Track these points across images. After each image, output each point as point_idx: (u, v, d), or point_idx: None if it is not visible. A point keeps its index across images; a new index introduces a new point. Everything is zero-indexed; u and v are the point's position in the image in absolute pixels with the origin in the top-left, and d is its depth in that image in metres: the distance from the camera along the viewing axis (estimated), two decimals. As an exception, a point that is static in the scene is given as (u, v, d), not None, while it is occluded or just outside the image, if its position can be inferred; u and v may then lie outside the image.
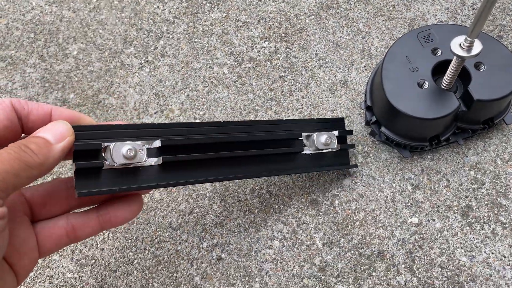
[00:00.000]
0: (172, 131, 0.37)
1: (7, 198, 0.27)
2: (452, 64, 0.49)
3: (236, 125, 0.43)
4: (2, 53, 0.65)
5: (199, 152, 0.39)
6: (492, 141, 0.56)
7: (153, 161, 0.36)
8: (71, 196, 0.36)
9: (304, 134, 0.50)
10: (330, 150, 0.51)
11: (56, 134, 0.30)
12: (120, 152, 0.33)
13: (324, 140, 0.49)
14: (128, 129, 0.34)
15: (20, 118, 0.31)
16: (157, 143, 0.36)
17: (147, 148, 0.36)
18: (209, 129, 0.40)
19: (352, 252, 0.51)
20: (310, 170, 0.51)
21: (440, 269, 0.50)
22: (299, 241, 0.52)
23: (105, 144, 0.33)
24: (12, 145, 0.28)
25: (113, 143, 0.33)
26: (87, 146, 0.32)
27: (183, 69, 0.63)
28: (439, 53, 0.53)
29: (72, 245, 0.52)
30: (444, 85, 0.51)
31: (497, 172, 0.54)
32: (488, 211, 0.52)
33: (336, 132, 0.52)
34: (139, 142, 0.34)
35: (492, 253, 0.50)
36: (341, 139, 0.53)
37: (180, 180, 0.38)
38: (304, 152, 0.49)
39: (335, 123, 0.53)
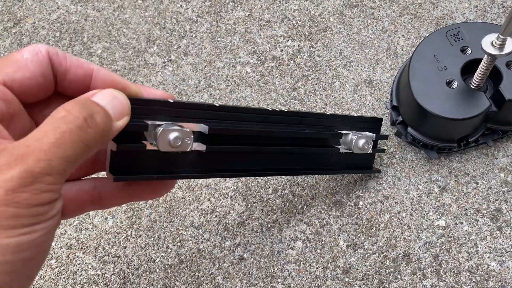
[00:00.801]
0: (219, 115, 0.34)
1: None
2: (482, 62, 0.47)
3: (282, 115, 0.40)
4: (29, 52, 0.66)
5: (243, 143, 0.37)
6: (523, 142, 0.55)
7: (195, 146, 0.32)
8: (100, 160, 0.31)
9: (343, 132, 0.47)
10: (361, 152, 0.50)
11: (116, 108, 0.25)
12: (166, 139, 0.29)
13: (361, 145, 0.46)
14: (176, 107, 0.30)
15: (56, 75, 0.26)
16: (203, 128, 0.32)
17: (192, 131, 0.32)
18: (256, 117, 0.37)
19: (376, 254, 0.50)
20: (338, 172, 0.50)
21: (468, 274, 0.48)
22: (323, 242, 0.51)
23: (150, 122, 0.29)
24: (73, 112, 0.22)
25: (160, 128, 0.29)
26: (133, 127, 0.27)
27: (206, 68, 0.63)
28: (469, 51, 0.52)
29: (95, 242, 0.52)
30: (473, 84, 0.50)
31: (528, 174, 0.53)
32: (518, 215, 0.51)
33: (373, 136, 0.49)
34: (187, 129, 0.30)
35: (523, 258, 0.48)
36: (374, 142, 0.50)
37: (220, 171, 0.35)
38: (339, 151, 0.47)
39: (373, 124, 0.50)
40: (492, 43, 0.45)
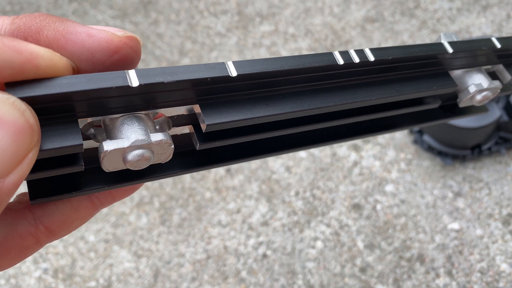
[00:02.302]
0: (234, 87, 0.18)
1: None
2: (494, 75, 0.50)
3: (360, 67, 0.20)
4: (72, 63, 0.72)
5: (274, 125, 0.21)
6: (536, 151, 0.57)
7: (179, 131, 0.20)
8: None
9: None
10: None
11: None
12: (116, 164, 0.16)
13: (480, 98, 0.25)
14: (148, 92, 0.16)
15: None
16: (200, 122, 0.18)
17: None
18: (309, 79, 0.19)
19: (392, 254, 0.53)
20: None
21: (479, 274, 0.51)
22: (341, 242, 0.55)
23: (91, 130, 0.17)
24: None
25: (104, 148, 0.15)
26: (59, 150, 0.14)
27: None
28: (482, 64, 0.55)
29: (130, 237, 0.57)
30: (486, 95, 0.53)
31: (540, 182, 0.55)
32: (530, 220, 0.53)
33: (499, 86, 0.26)
34: (162, 138, 0.16)
35: (534, 261, 0.51)
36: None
37: (223, 160, 0.21)
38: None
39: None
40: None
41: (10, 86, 0.13)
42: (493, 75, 0.26)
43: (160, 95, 0.16)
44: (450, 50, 0.22)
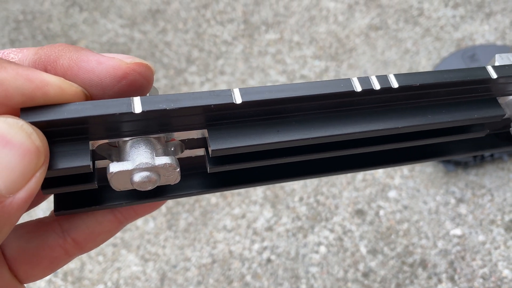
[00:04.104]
0: (244, 113, 0.18)
1: None
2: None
3: (383, 94, 0.19)
4: (82, 71, 0.73)
5: (289, 151, 0.20)
6: (539, 158, 0.57)
7: (190, 153, 0.20)
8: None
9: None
10: None
11: (6, 172, 0.14)
12: (124, 184, 0.17)
13: None
14: (153, 117, 0.16)
15: None
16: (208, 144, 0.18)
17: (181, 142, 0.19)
18: (324, 105, 0.18)
19: (395, 260, 0.54)
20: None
21: (481, 280, 0.51)
22: (344, 247, 0.55)
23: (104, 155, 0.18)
24: None
25: (111, 170, 0.16)
26: (68, 170, 0.16)
27: (239, 86, 0.68)
28: (484, 72, 0.55)
29: (138, 241, 0.58)
30: (488, 102, 0.53)
31: (543, 188, 0.55)
32: (532, 226, 0.53)
33: None
34: (168, 161, 0.17)
35: (536, 267, 0.51)
36: None
37: (239, 182, 0.22)
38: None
39: None
40: (503, 64, 0.48)
41: (24, 111, 0.15)
42: None
43: (168, 120, 0.17)
44: (494, 75, 0.20)
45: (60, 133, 0.15)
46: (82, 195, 0.19)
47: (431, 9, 0.70)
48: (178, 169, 0.17)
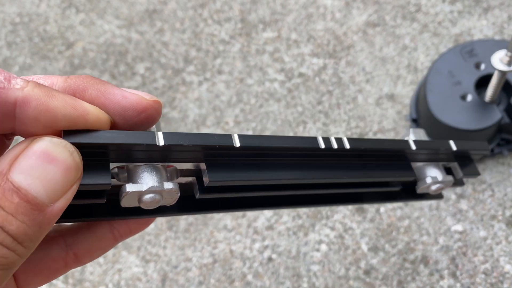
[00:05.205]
0: (235, 154, 0.22)
1: None
2: (493, 78, 0.51)
3: (336, 152, 0.25)
4: (80, 72, 0.73)
5: (265, 187, 0.25)
6: (539, 152, 0.57)
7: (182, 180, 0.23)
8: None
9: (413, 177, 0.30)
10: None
11: (52, 183, 0.16)
12: (133, 201, 0.20)
13: (434, 188, 0.30)
14: (165, 150, 0.20)
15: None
16: (202, 176, 0.22)
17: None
18: (293, 155, 0.24)
19: (396, 257, 0.54)
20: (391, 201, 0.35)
21: (484, 276, 0.51)
22: (346, 245, 0.55)
23: (117, 171, 0.21)
24: None
25: (125, 190, 0.19)
26: (92, 186, 0.19)
27: (237, 85, 0.68)
28: (483, 67, 0.55)
29: (138, 242, 0.58)
30: (487, 98, 0.53)
31: (543, 182, 0.55)
32: (533, 221, 0.53)
33: (452, 181, 0.31)
34: (172, 187, 0.20)
35: (538, 262, 0.51)
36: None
37: (226, 207, 0.26)
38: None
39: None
40: (501, 59, 0.48)
41: (67, 133, 0.17)
42: (449, 170, 0.31)
43: (177, 153, 0.20)
44: (413, 147, 0.27)
45: (89, 154, 0.18)
46: (81, 208, 0.22)
47: (428, 5, 0.70)
48: (179, 194, 0.21)
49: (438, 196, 0.33)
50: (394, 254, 0.54)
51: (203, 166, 0.22)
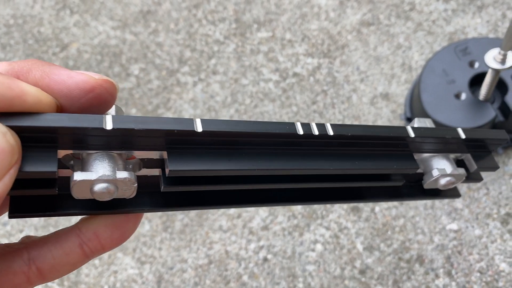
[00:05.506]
0: (201, 141, 0.20)
1: None
2: (487, 76, 0.51)
3: (318, 139, 0.21)
4: (74, 74, 0.73)
5: (240, 179, 0.22)
6: (533, 150, 0.57)
7: (146, 172, 0.21)
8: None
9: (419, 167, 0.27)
10: None
11: None
12: (84, 192, 0.18)
13: (444, 182, 0.26)
14: (117, 135, 0.18)
15: None
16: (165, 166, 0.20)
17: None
18: (269, 143, 0.21)
19: (391, 256, 0.54)
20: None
21: (479, 274, 0.51)
22: (341, 245, 0.55)
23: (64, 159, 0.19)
24: None
25: (74, 178, 0.17)
26: (36, 174, 0.17)
27: (232, 85, 0.68)
28: (476, 65, 0.55)
29: (134, 244, 0.58)
30: (481, 96, 0.53)
31: (538, 180, 0.55)
32: (528, 219, 0.53)
33: (464, 174, 0.26)
34: (127, 176, 0.18)
35: (533, 260, 0.51)
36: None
37: (196, 203, 0.23)
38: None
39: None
40: (494, 57, 0.48)
41: (2, 115, 0.16)
42: (462, 163, 0.27)
43: (133, 139, 0.18)
44: (412, 135, 0.23)
45: (31, 139, 0.17)
46: (38, 201, 0.20)
47: (422, 3, 0.70)
48: (135, 185, 0.19)
49: (453, 193, 0.28)
50: (389, 254, 0.54)
51: (165, 155, 0.19)
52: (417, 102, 0.56)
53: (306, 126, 0.21)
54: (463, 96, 0.54)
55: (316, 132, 0.21)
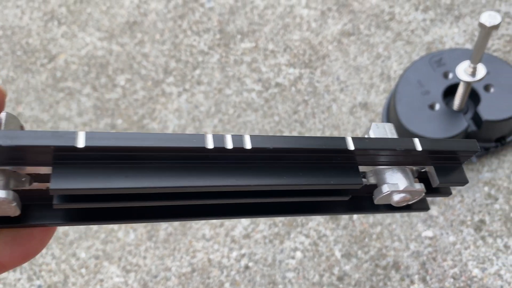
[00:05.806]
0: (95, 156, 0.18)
1: None
2: (459, 88, 0.52)
3: (238, 153, 0.19)
4: (62, 85, 0.74)
5: (149, 196, 0.20)
6: (507, 158, 0.59)
7: (36, 186, 0.19)
8: None
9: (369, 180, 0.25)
10: None
11: None
12: None
13: (398, 199, 0.23)
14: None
15: None
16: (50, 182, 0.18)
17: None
18: (180, 157, 0.19)
19: (368, 263, 0.55)
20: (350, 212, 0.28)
21: (452, 280, 0.53)
22: (320, 252, 0.57)
23: None
24: None
25: None
26: None
27: (216, 96, 0.70)
28: (451, 76, 0.57)
29: (119, 253, 0.59)
30: (455, 107, 0.55)
31: (511, 188, 0.57)
32: (501, 226, 0.55)
33: (423, 191, 0.23)
34: (1, 194, 0.17)
35: (504, 266, 0.53)
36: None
37: (114, 218, 0.21)
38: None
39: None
40: (465, 70, 0.50)
41: None
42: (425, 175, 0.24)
43: (13, 154, 0.16)
44: (351, 147, 0.20)
45: None
46: None
47: (402, 13, 0.72)
48: (14, 204, 0.17)
49: (421, 206, 0.25)
50: (366, 260, 0.55)
51: (50, 170, 0.17)
52: (393, 112, 0.58)
53: (218, 138, 0.19)
54: (437, 106, 0.55)
55: (229, 146, 0.19)
